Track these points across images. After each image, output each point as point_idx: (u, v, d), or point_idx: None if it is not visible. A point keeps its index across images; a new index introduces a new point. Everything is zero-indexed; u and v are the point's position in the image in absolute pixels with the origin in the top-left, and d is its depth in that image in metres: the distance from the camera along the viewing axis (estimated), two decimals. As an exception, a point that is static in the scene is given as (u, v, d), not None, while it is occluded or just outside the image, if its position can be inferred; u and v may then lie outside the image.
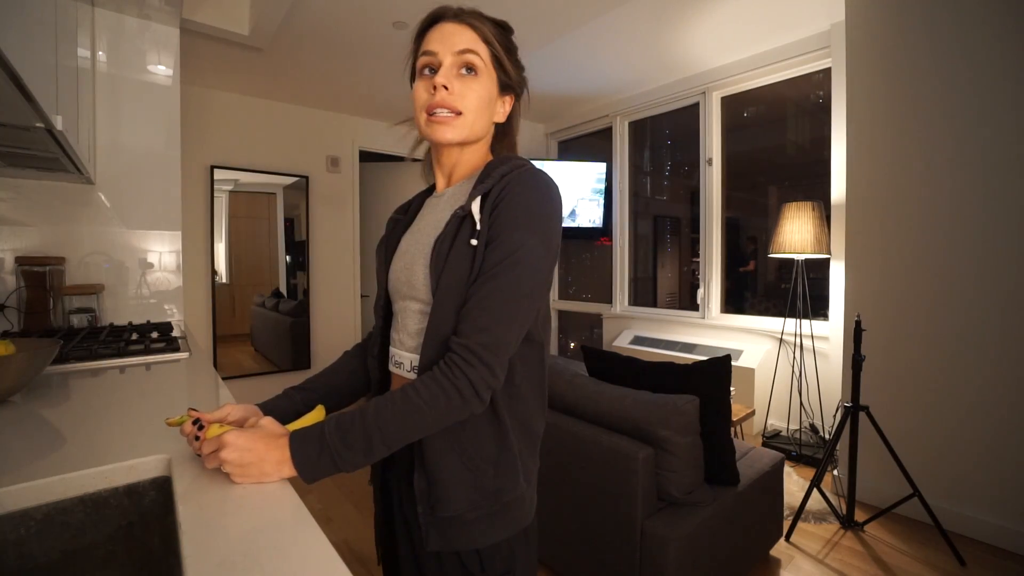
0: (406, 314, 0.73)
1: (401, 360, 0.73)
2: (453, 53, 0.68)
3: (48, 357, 1.01)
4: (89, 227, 1.94)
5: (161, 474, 0.71)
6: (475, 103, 0.69)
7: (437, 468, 0.65)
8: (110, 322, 1.88)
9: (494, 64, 0.71)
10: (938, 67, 2.08)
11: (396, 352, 0.75)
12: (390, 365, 0.76)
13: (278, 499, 0.59)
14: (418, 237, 0.74)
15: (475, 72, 0.69)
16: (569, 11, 2.45)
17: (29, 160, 1.43)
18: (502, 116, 0.75)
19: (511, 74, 0.73)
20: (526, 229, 0.63)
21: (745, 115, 3.54)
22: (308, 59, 2.99)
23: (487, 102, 0.71)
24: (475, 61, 0.68)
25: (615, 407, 1.56)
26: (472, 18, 0.70)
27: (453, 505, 0.65)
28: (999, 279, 1.95)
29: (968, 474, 2.03)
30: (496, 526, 0.67)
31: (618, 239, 4.25)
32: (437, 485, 0.65)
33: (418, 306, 0.71)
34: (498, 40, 0.71)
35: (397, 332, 0.75)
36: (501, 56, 0.70)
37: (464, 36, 0.69)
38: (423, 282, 0.68)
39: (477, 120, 0.70)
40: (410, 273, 0.71)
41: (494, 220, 0.64)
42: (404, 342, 0.73)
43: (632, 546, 1.42)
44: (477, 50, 0.69)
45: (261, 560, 0.47)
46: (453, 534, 0.66)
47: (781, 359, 3.08)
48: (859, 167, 2.33)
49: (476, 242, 0.64)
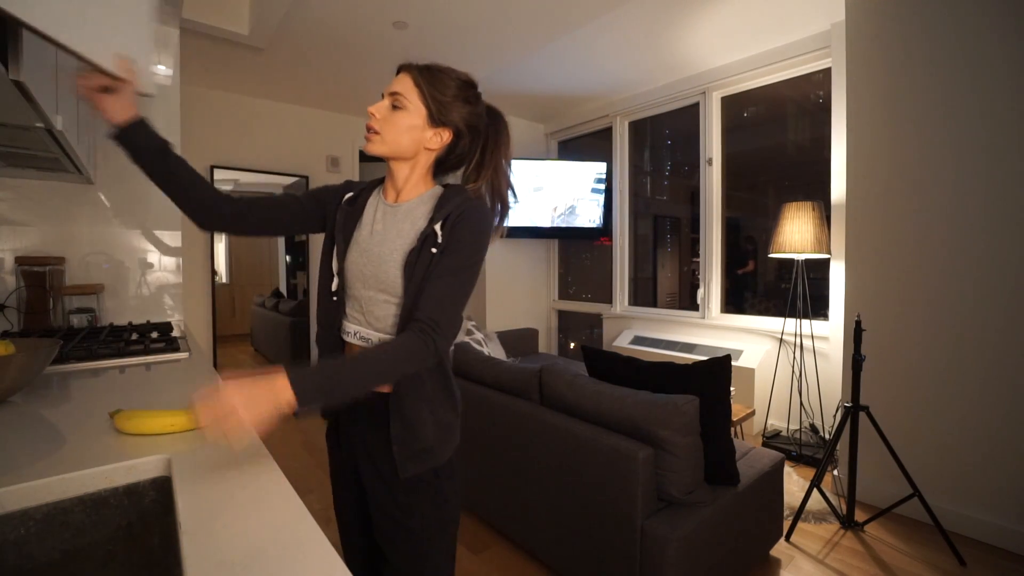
0: (373, 303, 0.91)
1: (368, 337, 0.92)
2: (388, 94, 0.91)
3: (48, 357, 1.01)
4: (89, 227, 1.94)
5: (161, 474, 0.71)
6: (391, 128, 0.90)
7: (413, 415, 0.89)
8: (110, 322, 1.88)
9: (423, 103, 0.90)
10: (938, 67, 2.08)
11: (361, 330, 0.93)
12: (353, 339, 0.94)
13: (278, 499, 0.59)
14: (383, 241, 0.92)
15: (400, 108, 0.90)
16: (569, 11, 2.45)
17: (29, 160, 1.43)
18: (436, 144, 0.93)
19: (435, 113, 0.91)
20: (473, 248, 0.89)
21: (745, 115, 3.54)
22: (308, 59, 2.99)
23: (406, 129, 0.90)
24: (400, 101, 0.89)
25: (615, 407, 1.56)
26: (411, 69, 0.91)
27: (425, 440, 0.90)
28: (999, 279, 1.95)
29: (968, 474, 2.03)
30: (446, 447, 0.95)
31: (618, 239, 4.25)
32: (412, 427, 0.89)
33: (385, 297, 0.90)
34: (429, 84, 0.90)
35: (363, 315, 0.93)
36: (428, 97, 0.90)
37: (399, 83, 0.91)
38: (397, 281, 0.88)
39: (396, 141, 0.90)
40: (381, 272, 0.89)
41: (452, 235, 0.87)
42: (372, 324, 0.92)
43: (632, 546, 1.42)
44: (404, 92, 0.89)
45: (261, 560, 0.47)
46: (422, 459, 0.90)
47: (781, 359, 3.08)
48: (859, 167, 2.33)
49: (436, 251, 0.86)
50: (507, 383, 1.97)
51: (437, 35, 2.69)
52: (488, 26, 2.60)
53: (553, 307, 4.91)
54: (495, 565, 1.85)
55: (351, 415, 0.97)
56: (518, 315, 4.69)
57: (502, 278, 4.54)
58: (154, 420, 0.81)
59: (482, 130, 0.98)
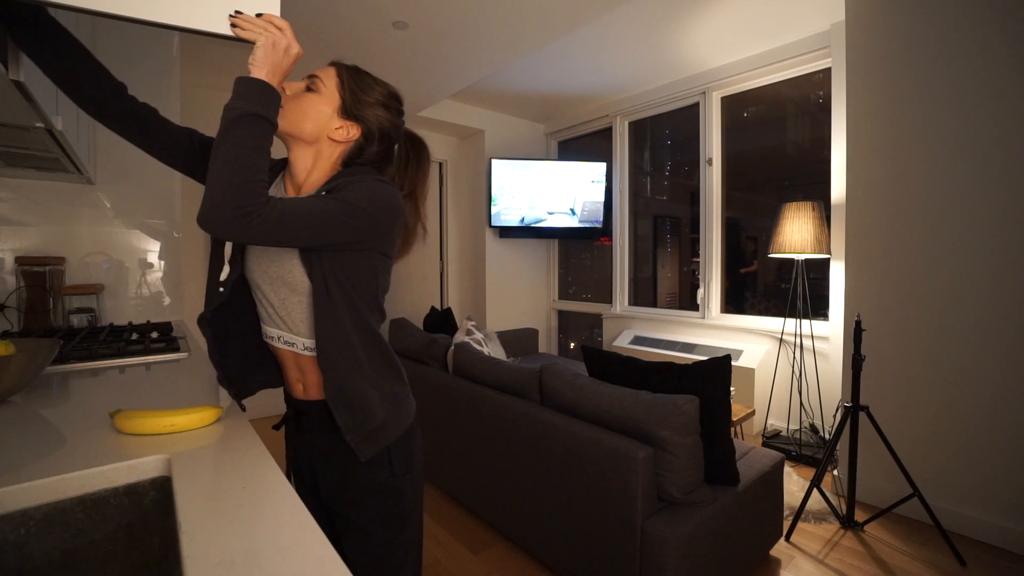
0: (287, 305, 0.86)
1: (292, 341, 0.89)
2: (306, 77, 0.91)
3: (48, 357, 1.01)
4: (89, 227, 1.94)
5: (161, 474, 0.71)
6: (296, 106, 0.87)
7: (357, 398, 0.86)
8: (110, 322, 1.88)
9: (339, 92, 0.88)
10: (938, 67, 2.08)
11: (284, 334, 0.89)
12: (277, 343, 0.90)
13: (278, 499, 0.59)
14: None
15: (314, 90, 0.88)
16: (569, 11, 2.45)
17: (29, 160, 1.43)
18: (342, 136, 0.89)
19: (348, 104, 0.89)
20: (357, 202, 0.80)
21: (745, 115, 3.54)
22: (308, 59, 2.99)
23: (311, 111, 0.87)
24: (316, 84, 0.89)
25: (615, 407, 1.56)
26: (339, 64, 0.92)
27: (377, 417, 0.87)
28: (999, 279, 1.95)
29: (968, 474, 2.03)
30: (400, 421, 0.92)
31: (618, 239, 4.25)
32: (360, 410, 0.86)
33: (298, 298, 0.85)
34: (351, 77, 0.90)
35: (282, 318, 0.88)
36: (346, 87, 0.89)
37: (323, 71, 0.90)
38: (300, 277, 0.83)
39: (297, 121, 0.86)
40: (283, 270, 0.84)
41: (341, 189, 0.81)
42: (292, 327, 0.88)
43: (632, 546, 1.42)
44: (323, 78, 0.89)
45: (261, 560, 0.47)
46: (377, 438, 0.88)
47: (781, 359, 3.08)
48: (859, 167, 2.33)
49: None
50: (507, 383, 1.97)
51: (437, 35, 2.69)
52: (488, 26, 2.60)
53: (553, 307, 4.91)
54: (495, 565, 1.85)
55: (298, 427, 0.95)
56: (518, 315, 4.69)
57: (502, 278, 4.54)
58: (154, 420, 0.81)
59: (398, 144, 0.97)
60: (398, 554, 0.94)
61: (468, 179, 4.59)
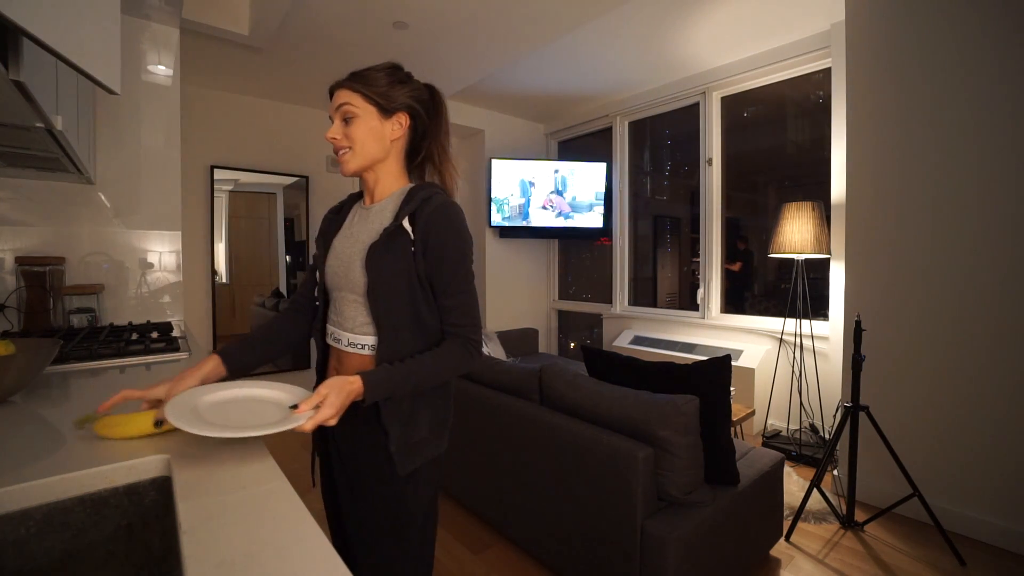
0: (343, 303, 0.95)
1: (339, 337, 0.96)
2: (335, 111, 0.94)
3: (48, 357, 1.01)
4: (89, 227, 1.94)
5: (161, 474, 0.71)
6: (356, 138, 0.93)
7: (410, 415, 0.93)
8: (110, 322, 1.88)
9: (369, 102, 0.93)
10: (938, 67, 2.08)
11: (335, 330, 0.97)
12: (328, 339, 0.99)
13: (278, 499, 0.59)
14: (352, 242, 0.96)
15: (353, 116, 0.92)
16: (569, 11, 2.45)
17: (29, 160, 1.43)
18: (399, 131, 0.96)
19: (383, 104, 0.93)
20: (460, 250, 0.92)
21: (745, 115, 3.54)
22: (308, 59, 2.99)
23: (368, 132, 0.93)
24: (349, 110, 0.92)
25: (615, 407, 1.56)
26: (341, 83, 0.94)
27: (422, 430, 0.94)
28: (999, 279, 1.95)
29: (968, 474, 2.03)
30: (439, 441, 0.98)
31: (618, 239, 4.25)
32: (408, 427, 0.92)
33: (353, 297, 0.93)
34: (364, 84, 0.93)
35: (336, 315, 0.97)
36: (369, 94, 0.92)
37: (339, 97, 0.93)
38: (359, 279, 0.91)
39: (364, 149, 0.94)
40: (350, 271, 0.93)
41: (434, 239, 0.89)
42: (342, 324, 0.96)
43: (632, 546, 1.42)
44: (350, 101, 0.92)
45: (261, 560, 0.47)
46: (417, 452, 0.93)
47: (781, 359, 3.08)
48: (859, 167, 2.33)
49: (415, 249, 0.89)
50: (507, 383, 1.97)
51: (437, 35, 2.69)
52: (488, 26, 2.60)
53: (553, 307, 4.91)
54: (495, 565, 1.85)
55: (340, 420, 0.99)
56: (518, 315, 4.69)
57: (502, 278, 4.54)
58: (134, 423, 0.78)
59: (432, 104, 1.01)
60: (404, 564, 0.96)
61: (468, 179, 4.59)
